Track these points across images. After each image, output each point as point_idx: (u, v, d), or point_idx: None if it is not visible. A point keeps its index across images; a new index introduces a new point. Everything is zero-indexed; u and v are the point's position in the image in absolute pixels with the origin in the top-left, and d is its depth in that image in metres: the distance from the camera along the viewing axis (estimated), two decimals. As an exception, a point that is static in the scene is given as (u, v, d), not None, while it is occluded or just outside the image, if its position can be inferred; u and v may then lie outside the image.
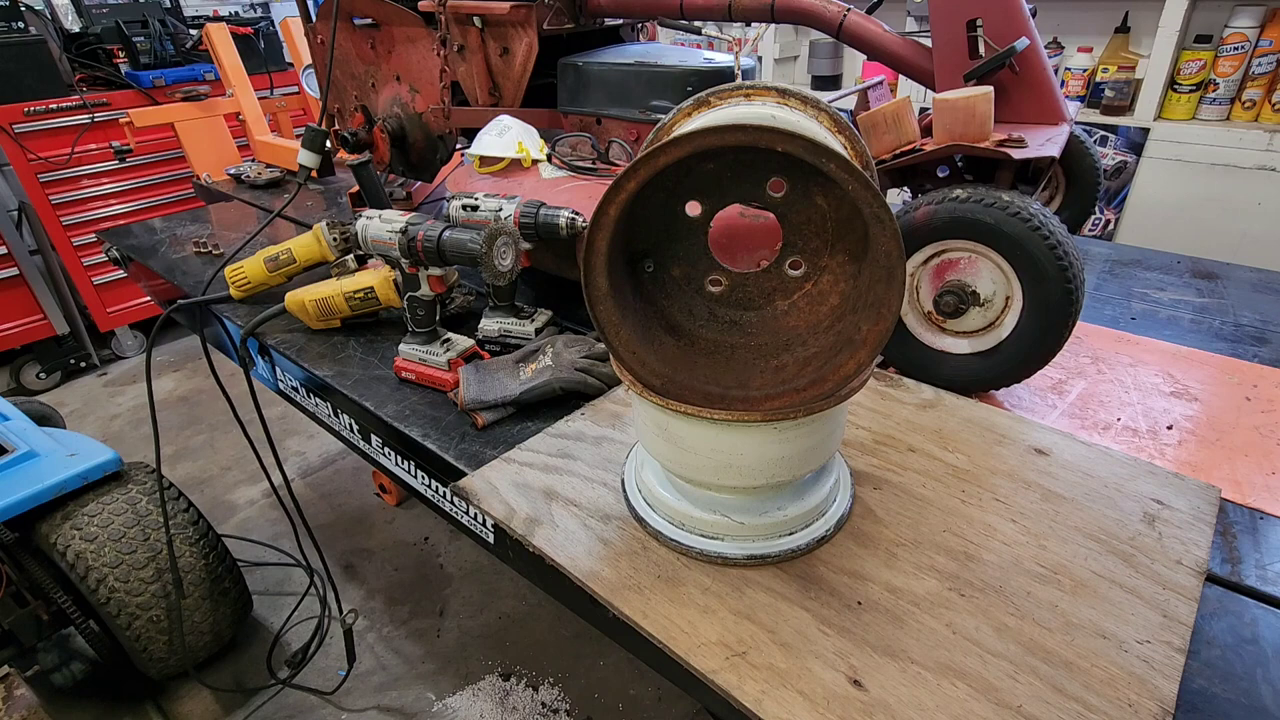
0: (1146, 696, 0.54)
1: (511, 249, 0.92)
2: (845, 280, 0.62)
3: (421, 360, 1.01)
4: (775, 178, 0.58)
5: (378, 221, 0.98)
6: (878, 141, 0.94)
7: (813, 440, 0.64)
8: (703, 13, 1.16)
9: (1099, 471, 0.78)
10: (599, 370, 0.96)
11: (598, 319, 0.59)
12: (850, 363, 0.58)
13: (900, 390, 0.94)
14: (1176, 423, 0.90)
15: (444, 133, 1.41)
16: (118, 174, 2.73)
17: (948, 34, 0.96)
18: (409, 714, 1.56)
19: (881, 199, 0.50)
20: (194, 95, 2.35)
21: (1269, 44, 1.91)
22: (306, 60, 2.25)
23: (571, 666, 1.63)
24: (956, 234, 0.86)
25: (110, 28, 2.76)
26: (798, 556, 0.68)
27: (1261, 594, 0.66)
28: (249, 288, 1.27)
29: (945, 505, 0.74)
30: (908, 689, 0.55)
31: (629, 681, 1.60)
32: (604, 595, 0.65)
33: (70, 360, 2.87)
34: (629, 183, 0.52)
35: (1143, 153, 2.09)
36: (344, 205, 1.76)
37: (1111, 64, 2.14)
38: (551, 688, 1.59)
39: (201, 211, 1.87)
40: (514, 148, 1.18)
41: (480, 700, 1.57)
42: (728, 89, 0.64)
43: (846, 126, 0.64)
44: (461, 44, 1.28)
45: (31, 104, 2.47)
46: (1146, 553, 0.67)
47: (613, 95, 1.20)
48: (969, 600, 0.63)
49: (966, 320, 0.91)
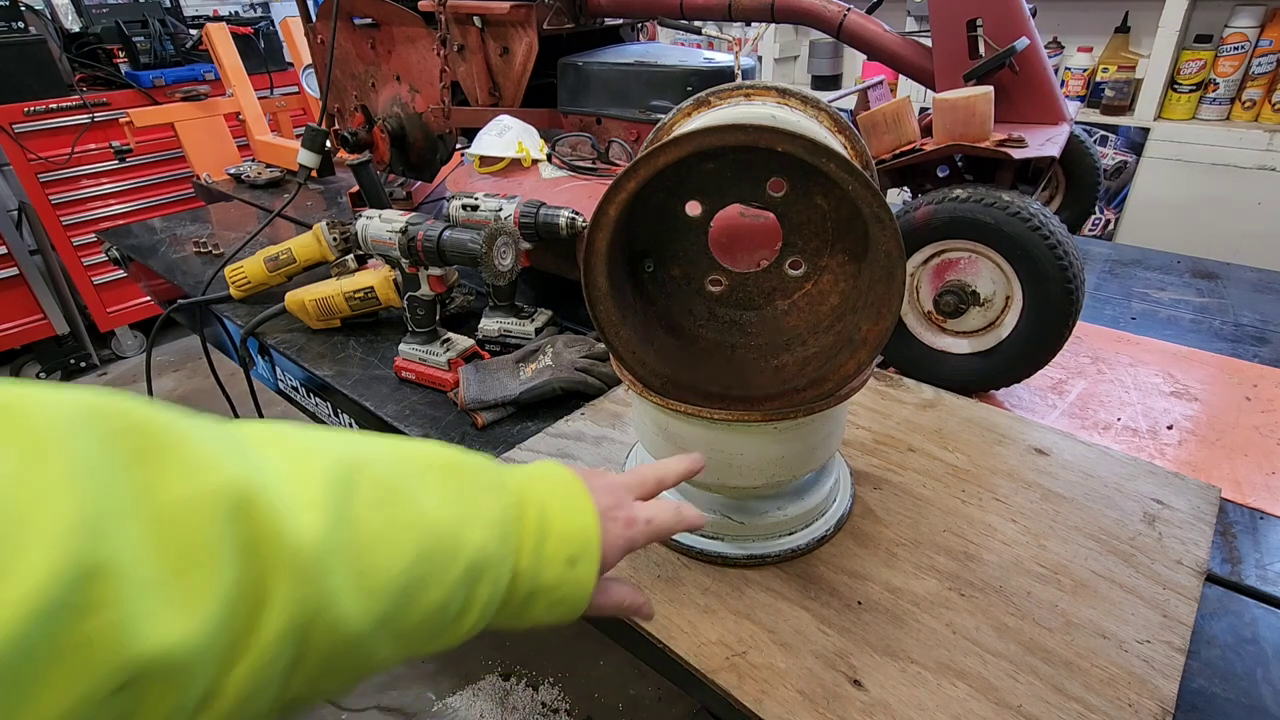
0: (1146, 696, 0.54)
1: (511, 249, 0.92)
2: (845, 280, 0.62)
3: (421, 360, 1.01)
4: (775, 178, 0.58)
5: (378, 221, 0.98)
6: (878, 141, 0.94)
7: (813, 440, 0.64)
8: (703, 13, 1.16)
9: (1099, 471, 0.78)
10: (599, 370, 0.96)
11: (598, 319, 0.59)
12: (850, 363, 0.58)
13: (900, 390, 0.94)
14: (1176, 423, 0.90)
15: (444, 133, 1.41)
16: (118, 174, 2.73)
17: (948, 34, 0.96)
18: (409, 714, 1.56)
19: (882, 199, 0.50)
20: (194, 95, 2.35)
21: (1269, 44, 1.91)
22: (306, 60, 2.25)
23: (571, 666, 1.63)
24: (956, 234, 0.86)
25: (110, 28, 2.76)
26: (798, 556, 0.68)
27: (1261, 594, 0.66)
28: (249, 288, 1.27)
29: (945, 505, 0.74)
30: (908, 689, 0.55)
31: (629, 681, 1.60)
32: (604, 595, 0.65)
33: (70, 360, 2.86)
34: (629, 183, 0.52)
35: (1143, 153, 2.09)
36: (344, 205, 1.76)
37: (1111, 64, 2.14)
38: (551, 688, 1.59)
39: (201, 211, 1.87)
40: (514, 148, 1.18)
41: (480, 700, 1.57)
42: (728, 89, 0.64)
43: (846, 126, 0.64)
44: (461, 44, 1.28)
45: (31, 104, 2.47)
46: (1146, 552, 0.67)
47: (613, 95, 1.20)
48: (969, 600, 0.63)
49: (966, 320, 0.91)
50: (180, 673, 0.26)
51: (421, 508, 0.36)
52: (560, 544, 0.43)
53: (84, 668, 0.23)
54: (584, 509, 0.44)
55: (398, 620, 0.34)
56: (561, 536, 0.43)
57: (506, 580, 0.40)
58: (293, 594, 0.29)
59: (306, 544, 0.30)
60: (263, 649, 0.28)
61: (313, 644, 0.30)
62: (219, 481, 0.28)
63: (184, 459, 0.27)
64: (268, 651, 0.28)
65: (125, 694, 0.25)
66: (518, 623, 0.43)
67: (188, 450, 0.28)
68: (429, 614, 0.36)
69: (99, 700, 0.24)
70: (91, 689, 0.24)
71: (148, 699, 0.25)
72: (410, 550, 0.34)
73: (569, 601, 0.43)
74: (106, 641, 0.24)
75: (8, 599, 0.21)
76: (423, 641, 0.37)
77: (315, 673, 0.31)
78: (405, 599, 0.34)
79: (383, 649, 0.34)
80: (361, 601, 0.32)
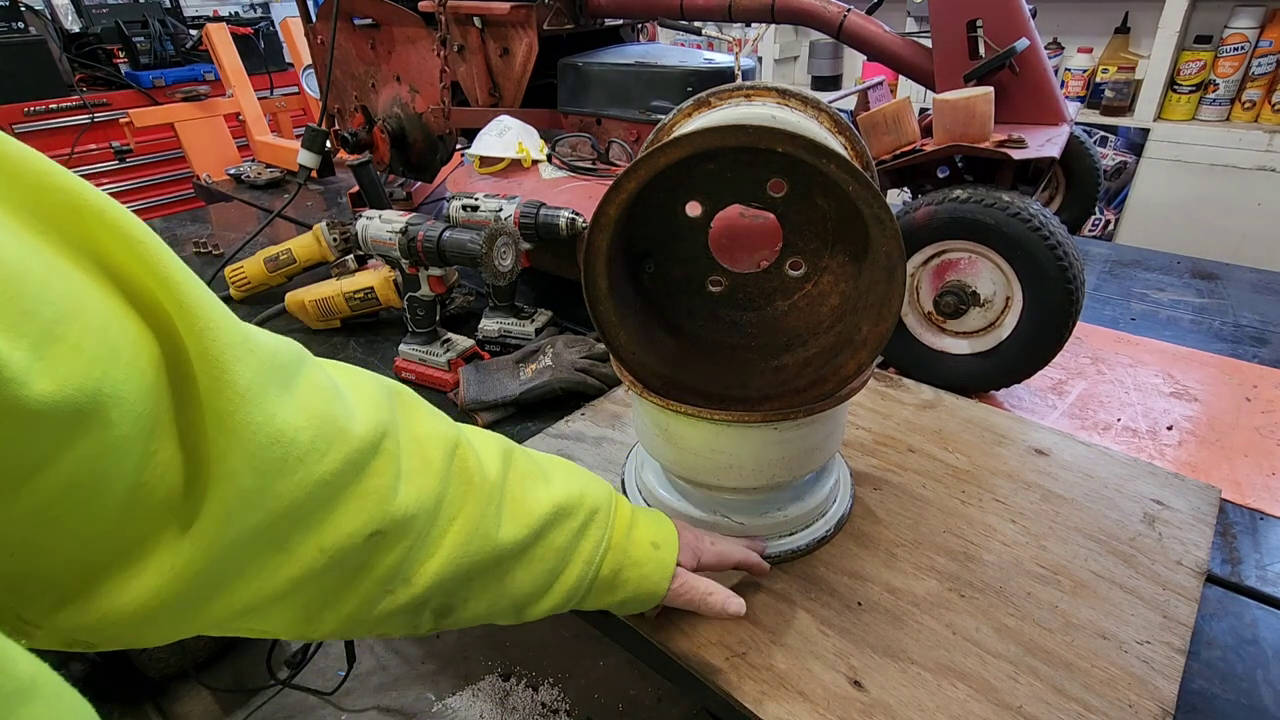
0: (1146, 697, 0.54)
1: (511, 249, 0.92)
2: (845, 281, 0.62)
3: (421, 360, 1.01)
4: (775, 178, 0.58)
5: (378, 221, 0.98)
6: (878, 142, 0.94)
7: (813, 441, 0.64)
8: (703, 13, 1.15)
9: (1099, 472, 0.78)
10: (599, 370, 0.96)
11: (598, 319, 0.59)
12: (850, 363, 0.58)
13: (900, 390, 0.94)
14: (1176, 423, 0.90)
15: (444, 133, 1.41)
16: (118, 174, 2.73)
17: (948, 34, 0.96)
18: (409, 714, 1.56)
19: (882, 199, 0.50)
20: (194, 95, 2.34)
21: (1269, 44, 1.91)
22: (306, 60, 2.25)
23: (571, 667, 1.63)
24: (957, 234, 0.86)
25: (110, 28, 2.75)
26: (798, 557, 0.68)
27: (1261, 594, 0.66)
28: (249, 288, 1.27)
29: (945, 506, 0.74)
30: (908, 689, 0.55)
31: (629, 682, 1.60)
32: (604, 596, 0.65)
33: (70, 360, 2.86)
34: (629, 183, 0.52)
35: (1143, 153, 2.09)
36: (344, 205, 1.76)
37: (1111, 64, 2.14)
38: (551, 688, 1.59)
39: (201, 211, 1.87)
40: (514, 148, 1.18)
41: (480, 700, 1.57)
42: (728, 89, 0.64)
43: (846, 127, 0.64)
44: (461, 44, 1.28)
45: (31, 104, 2.47)
46: (1146, 553, 0.67)
47: (613, 95, 1.20)
48: (969, 601, 0.63)
49: (967, 320, 0.91)
50: (407, 532, 0.40)
51: (551, 480, 0.51)
52: (646, 531, 0.56)
53: (364, 506, 0.37)
54: (663, 519, 0.59)
55: (531, 549, 0.47)
56: (647, 527, 0.56)
57: (604, 548, 0.52)
58: (475, 509, 0.44)
59: (491, 478, 0.46)
60: (451, 538, 0.43)
61: (474, 549, 0.44)
62: (445, 429, 0.45)
63: (427, 412, 0.46)
64: (455, 539, 0.43)
65: (374, 540, 0.38)
66: (610, 596, 0.54)
67: (427, 409, 0.46)
68: (553, 552, 0.49)
69: (363, 538, 0.37)
70: (362, 525, 0.37)
71: (382, 548, 0.39)
72: (546, 503, 0.49)
73: (653, 578, 0.54)
74: (379, 496, 0.38)
75: (349, 436, 0.36)
76: (543, 578, 0.49)
77: (468, 574, 0.44)
78: (538, 534, 0.48)
79: (518, 573, 0.47)
80: (510, 526, 0.46)
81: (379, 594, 0.40)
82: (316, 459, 0.34)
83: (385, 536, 0.38)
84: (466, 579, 0.44)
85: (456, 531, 0.43)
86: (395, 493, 0.39)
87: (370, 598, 0.40)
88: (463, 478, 0.44)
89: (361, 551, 0.38)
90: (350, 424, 0.37)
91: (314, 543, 0.36)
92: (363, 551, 0.38)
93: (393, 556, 0.40)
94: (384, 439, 0.39)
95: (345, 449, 0.36)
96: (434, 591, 0.43)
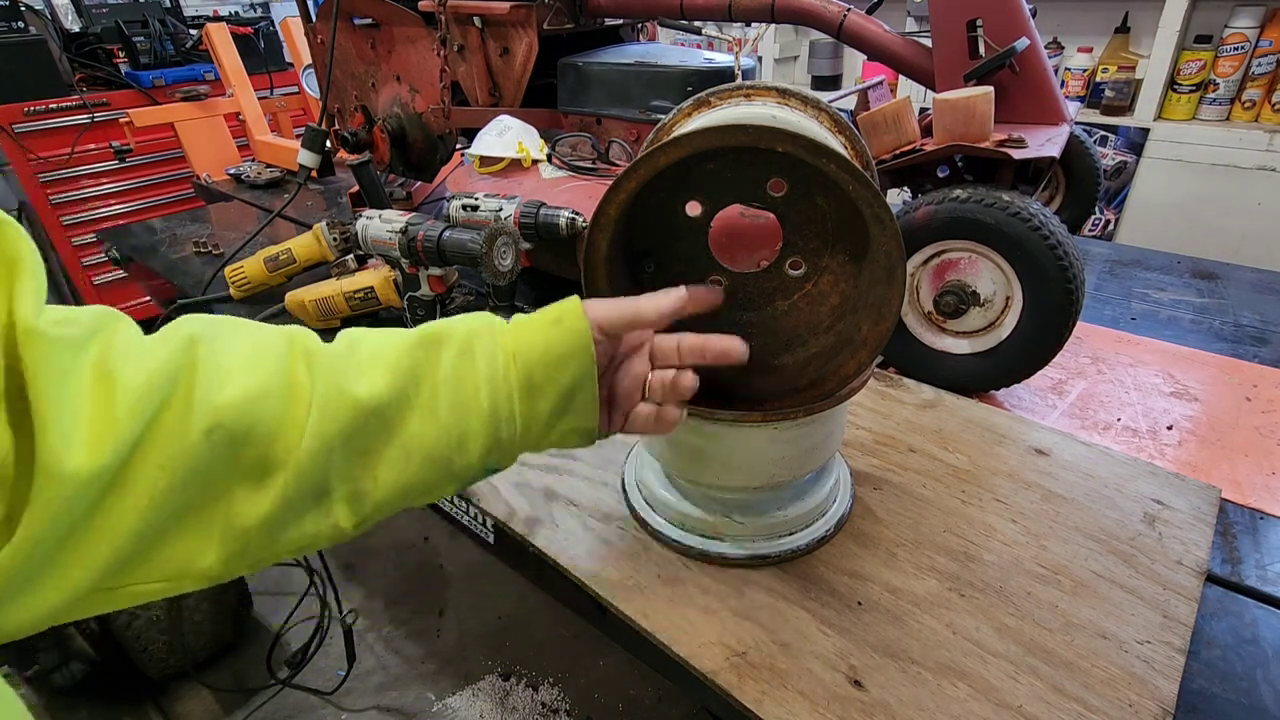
0: (1147, 697, 0.54)
1: (511, 249, 0.92)
2: (845, 280, 0.62)
3: (421, 360, 1.01)
4: (775, 178, 0.58)
5: (378, 221, 0.98)
6: (878, 141, 0.94)
7: (813, 441, 0.64)
8: (703, 13, 1.15)
9: (1099, 472, 0.78)
10: (599, 370, 0.95)
11: (598, 319, 0.58)
12: (850, 363, 0.58)
13: (900, 390, 0.94)
14: (1176, 423, 0.90)
15: (444, 133, 1.41)
16: (118, 174, 2.73)
17: (948, 34, 0.96)
18: (409, 714, 1.56)
19: (882, 199, 0.50)
20: (194, 95, 2.34)
21: (1269, 44, 1.91)
22: (306, 60, 2.24)
23: (571, 666, 1.63)
24: (957, 234, 0.86)
25: (110, 28, 2.75)
26: (798, 556, 0.68)
27: (1261, 594, 0.66)
28: (249, 288, 1.27)
29: (945, 505, 0.74)
30: (908, 689, 0.55)
31: (629, 682, 1.60)
32: (605, 596, 0.65)
33: (70, 360, 2.86)
34: (629, 183, 0.52)
35: (1143, 153, 2.09)
36: (344, 205, 1.76)
37: (1111, 64, 2.14)
38: (551, 688, 1.59)
39: (201, 211, 1.87)
40: (514, 148, 1.18)
41: (480, 700, 1.57)
42: (728, 89, 0.64)
43: (846, 126, 0.64)
44: (461, 44, 1.28)
45: (31, 104, 2.47)
46: (1147, 553, 0.67)
47: (613, 95, 1.20)
48: (969, 600, 0.63)
49: (967, 320, 0.91)
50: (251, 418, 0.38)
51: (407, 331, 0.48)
52: (540, 321, 0.49)
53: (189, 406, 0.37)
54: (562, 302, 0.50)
55: (410, 394, 0.44)
56: (541, 317, 0.49)
57: (504, 360, 0.47)
58: (325, 376, 0.42)
59: (338, 349, 0.45)
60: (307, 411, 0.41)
61: (331, 411, 0.41)
62: (282, 329, 0.44)
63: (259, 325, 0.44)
64: (312, 412, 0.41)
65: (214, 435, 0.37)
66: (544, 403, 0.48)
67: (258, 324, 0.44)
68: (444, 386, 0.45)
69: (199, 434, 0.37)
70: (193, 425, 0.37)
71: (229, 443, 0.38)
72: (401, 345, 0.46)
73: (575, 355, 0.47)
74: (204, 391, 0.37)
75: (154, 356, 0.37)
76: (448, 418, 0.45)
77: (344, 441, 0.42)
78: (410, 375, 0.45)
79: (412, 424, 0.44)
80: (369, 377, 0.44)
81: (254, 490, 0.39)
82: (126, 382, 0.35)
83: (224, 430, 0.37)
84: (346, 448, 0.42)
85: (310, 404, 0.41)
86: (222, 386, 0.38)
87: (249, 499, 0.39)
88: (305, 357, 0.42)
89: (204, 449, 0.37)
90: (154, 346, 0.37)
91: (152, 462, 0.35)
92: (206, 449, 0.37)
93: (249, 449, 0.38)
94: (195, 345, 0.38)
95: (151, 364, 0.36)
96: (315, 471, 0.41)
